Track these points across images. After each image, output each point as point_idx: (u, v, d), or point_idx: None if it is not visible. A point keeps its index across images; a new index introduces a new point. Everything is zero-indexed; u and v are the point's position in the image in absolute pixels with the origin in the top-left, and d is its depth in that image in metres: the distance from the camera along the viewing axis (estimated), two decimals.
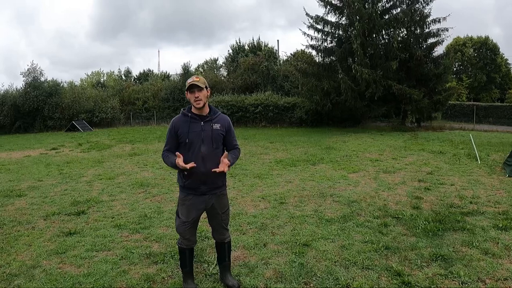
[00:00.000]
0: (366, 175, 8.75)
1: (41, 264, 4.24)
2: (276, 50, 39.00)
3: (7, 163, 12.36)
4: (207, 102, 3.42)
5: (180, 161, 3.21)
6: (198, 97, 3.29)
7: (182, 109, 3.51)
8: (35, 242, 4.92)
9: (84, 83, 51.39)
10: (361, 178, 8.48)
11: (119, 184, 8.44)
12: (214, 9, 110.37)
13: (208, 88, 3.42)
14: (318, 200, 6.65)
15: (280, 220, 5.54)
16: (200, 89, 3.29)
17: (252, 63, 32.15)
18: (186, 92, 3.39)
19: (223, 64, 42.96)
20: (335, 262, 4.10)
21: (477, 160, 10.49)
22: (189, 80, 3.34)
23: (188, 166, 3.19)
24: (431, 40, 22.80)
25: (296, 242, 4.63)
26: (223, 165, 3.27)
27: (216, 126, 3.41)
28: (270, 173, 9.28)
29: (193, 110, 3.42)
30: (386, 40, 22.84)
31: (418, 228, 5.05)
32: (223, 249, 3.67)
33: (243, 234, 5.01)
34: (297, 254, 4.28)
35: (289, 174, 9.12)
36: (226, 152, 3.37)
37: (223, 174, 3.37)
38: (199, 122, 3.37)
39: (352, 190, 7.29)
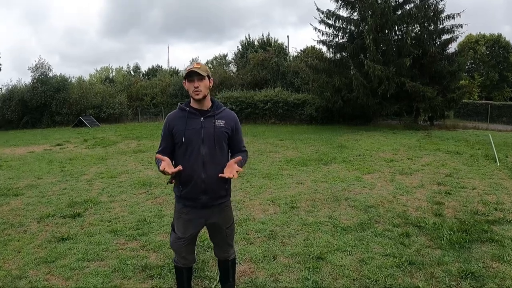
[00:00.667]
0: (382, 177, 8.24)
1: (27, 274, 3.85)
2: (286, 46, 38.51)
3: (10, 159, 12.08)
4: (208, 95, 2.85)
5: (165, 165, 2.61)
6: (197, 87, 2.72)
7: (179, 103, 2.96)
8: (24, 248, 4.53)
9: (93, 79, 51.41)
10: (377, 180, 7.98)
11: (120, 183, 8.03)
12: (225, 5, 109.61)
13: (211, 78, 2.86)
14: (332, 204, 6.16)
15: (291, 228, 5.05)
16: (200, 77, 2.73)
17: (262, 59, 31.64)
18: (184, 81, 2.82)
19: (233, 60, 42.50)
20: (353, 280, 3.63)
21: (496, 161, 9.96)
22: (188, 67, 2.79)
23: (171, 171, 2.60)
24: (445, 37, 22.17)
25: (309, 255, 4.14)
26: (232, 169, 2.69)
27: (220, 122, 2.82)
28: (280, 173, 8.79)
29: (192, 103, 2.86)
30: (399, 36, 22.24)
31: (443, 239, 4.57)
32: (227, 268, 3.15)
33: (251, 243, 4.53)
34: (310, 270, 3.80)
35: (300, 174, 8.63)
36: (239, 157, 2.78)
37: (227, 181, 2.84)
38: (198, 117, 2.80)
39: (368, 194, 6.79)
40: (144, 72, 52.92)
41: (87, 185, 7.96)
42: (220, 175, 2.68)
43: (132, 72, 54.59)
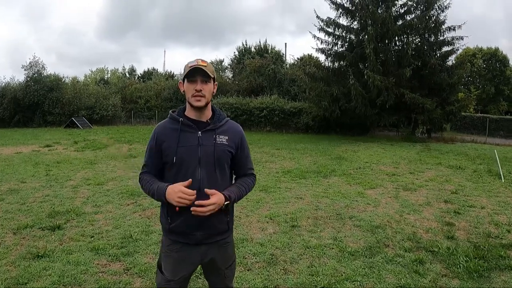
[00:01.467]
0: (385, 193, 7.80)
1: None
2: (283, 54, 38.23)
3: None
4: (210, 102, 2.23)
5: (179, 187, 2.03)
6: (200, 90, 2.09)
7: (170, 111, 2.29)
8: None
9: (88, 80, 50.87)
10: (380, 196, 7.53)
11: (107, 191, 7.51)
12: (224, 11, 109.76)
13: (216, 82, 2.23)
14: (336, 223, 5.69)
15: (293, 251, 4.55)
16: (206, 79, 2.11)
17: (259, 66, 31.28)
18: (180, 82, 2.22)
19: (229, 66, 42.14)
20: None
21: (500, 178, 9.59)
22: (191, 63, 2.12)
23: (184, 184, 2.03)
24: (445, 49, 21.88)
25: (315, 285, 3.66)
26: (215, 198, 2.07)
27: (222, 139, 2.19)
28: (278, 185, 8.31)
29: (187, 112, 2.23)
30: (399, 47, 21.93)
31: (459, 267, 4.14)
32: None
33: (248, 270, 4.03)
34: None
35: (299, 188, 8.16)
36: (226, 198, 2.15)
37: (228, 212, 2.25)
38: (195, 131, 2.17)
39: (373, 212, 6.34)
40: (140, 75, 52.43)
41: (71, 192, 7.45)
42: (198, 202, 2.04)
43: (127, 74, 54.13)
